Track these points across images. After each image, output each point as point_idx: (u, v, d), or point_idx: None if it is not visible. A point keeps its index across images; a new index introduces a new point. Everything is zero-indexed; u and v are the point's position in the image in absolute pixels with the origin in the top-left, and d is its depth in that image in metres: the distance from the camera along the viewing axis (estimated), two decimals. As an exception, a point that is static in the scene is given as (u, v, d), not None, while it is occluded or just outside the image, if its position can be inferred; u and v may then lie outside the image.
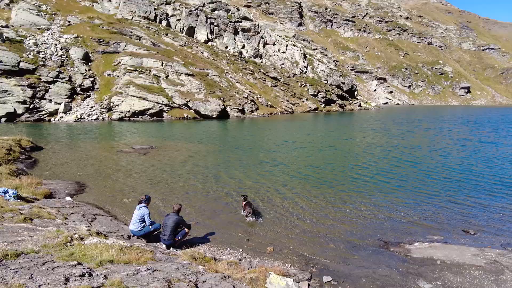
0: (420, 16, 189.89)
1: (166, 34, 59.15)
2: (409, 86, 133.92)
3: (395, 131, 35.13)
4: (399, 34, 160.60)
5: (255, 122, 41.96)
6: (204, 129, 33.79)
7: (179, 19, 66.55)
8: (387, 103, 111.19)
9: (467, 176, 16.05)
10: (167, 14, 65.45)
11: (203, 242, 8.75)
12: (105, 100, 40.13)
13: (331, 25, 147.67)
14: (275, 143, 25.95)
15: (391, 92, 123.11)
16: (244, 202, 10.63)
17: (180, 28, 66.08)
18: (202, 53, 59.66)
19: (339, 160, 20.25)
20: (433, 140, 29.36)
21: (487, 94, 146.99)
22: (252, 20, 79.22)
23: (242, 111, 48.03)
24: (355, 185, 14.40)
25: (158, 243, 8.49)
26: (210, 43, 67.95)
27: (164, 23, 63.58)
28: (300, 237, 9.23)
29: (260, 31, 78.17)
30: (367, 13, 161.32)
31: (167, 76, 45.10)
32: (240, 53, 70.40)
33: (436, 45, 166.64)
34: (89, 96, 40.63)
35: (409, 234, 9.60)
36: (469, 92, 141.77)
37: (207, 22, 68.78)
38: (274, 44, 79.44)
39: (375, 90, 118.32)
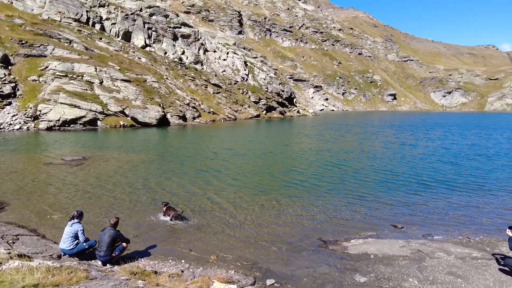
0: (351, 29, 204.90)
1: (100, 38, 55.89)
2: (343, 94, 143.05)
3: (329, 136, 37.16)
4: (333, 45, 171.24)
5: (197, 129, 41.39)
6: (142, 138, 32.42)
7: (114, 23, 63.38)
8: (323, 109, 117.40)
9: (392, 176, 17.53)
10: (101, 17, 61.94)
11: (143, 256, 8.35)
12: (30, 108, 36.40)
13: (270, 35, 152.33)
14: (215, 150, 25.75)
15: (326, 99, 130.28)
16: (165, 207, 10.58)
17: (116, 33, 62.96)
18: (140, 58, 57.43)
19: (278, 165, 20.78)
20: (362, 143, 31.62)
21: (410, 100, 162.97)
22: (191, 27, 78.46)
23: (183, 118, 47.07)
24: (293, 189, 14.87)
25: (93, 261, 7.89)
26: (148, 49, 65.73)
27: (97, 26, 60.03)
28: (243, 243, 9.27)
29: (200, 38, 77.70)
30: (303, 24, 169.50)
31: (101, 82, 42.53)
32: (180, 59, 69.18)
33: (366, 55, 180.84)
34: (10, 103, 36.48)
35: (345, 232, 10.19)
36: (395, 98, 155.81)
37: (144, 27, 66.50)
38: (214, 51, 79.47)
39: (312, 97, 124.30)
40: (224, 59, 79.56)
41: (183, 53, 71.41)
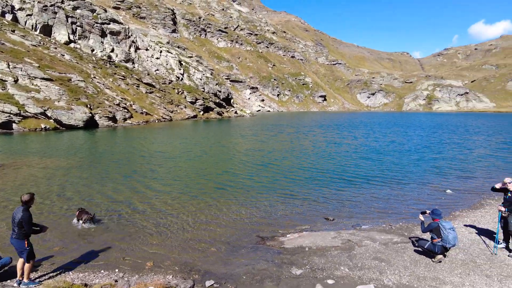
0: (284, 32, 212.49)
1: (13, 31, 49.96)
2: (278, 95, 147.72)
3: (264, 137, 38.11)
4: (267, 47, 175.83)
5: (129, 131, 39.29)
6: (66, 141, 29.80)
7: (30, 14, 57.17)
8: (260, 110, 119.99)
9: (321, 173, 18.58)
10: (12, 7, 55.38)
11: (71, 269, 7.67)
12: None
13: (205, 35, 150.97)
14: (146, 154, 24.71)
15: (263, 100, 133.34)
16: (78, 212, 10.24)
17: (33, 25, 56.87)
18: (63, 55, 52.64)
19: (214, 167, 20.70)
20: (294, 143, 33.01)
21: (338, 101, 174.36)
22: (121, 23, 74.19)
23: (113, 119, 44.34)
24: (229, 190, 14.93)
25: (8, 281, 7.03)
26: (72, 45, 60.57)
27: (8, 17, 53.56)
28: (181, 247, 9.06)
29: (131, 35, 73.89)
30: (238, 25, 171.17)
31: (16, 81, 38.08)
32: (109, 57, 65.00)
33: (298, 58, 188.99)
34: None
35: (282, 228, 10.54)
36: (325, 100, 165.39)
37: (68, 21, 61.11)
38: (147, 50, 76.22)
39: (249, 98, 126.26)
40: (158, 58, 76.75)
41: (112, 50, 67.21)
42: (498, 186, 8.71)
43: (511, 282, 6.98)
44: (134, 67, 68.67)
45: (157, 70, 73.69)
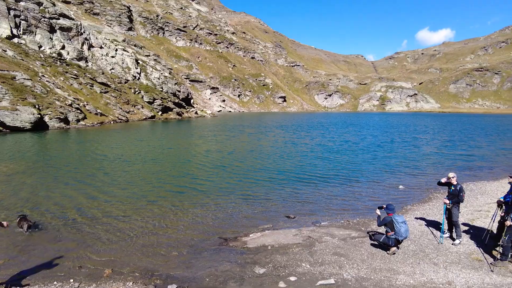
0: (244, 33, 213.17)
1: None
2: (239, 95, 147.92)
3: (223, 137, 38.04)
4: (227, 47, 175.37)
5: (82, 133, 37.25)
6: (11, 144, 27.60)
7: (-35, 6, 52.14)
8: (221, 110, 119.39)
9: (281, 172, 18.87)
10: None
11: (18, 283, 7.12)
12: None
13: (163, 33, 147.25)
14: (100, 157, 23.57)
15: (223, 100, 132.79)
16: (19, 219, 9.87)
17: (-32, 18, 51.90)
18: (5, 51, 48.65)
19: (173, 170, 20.25)
20: (253, 143, 33.32)
21: (297, 102, 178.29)
22: (73, 19, 70.08)
23: (65, 120, 41.80)
24: (190, 193, 14.72)
25: None
26: (16, 40, 56.11)
27: None
28: (141, 252, 8.77)
29: (84, 32, 70.08)
30: (197, 25, 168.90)
31: (-51, 78, 34.55)
32: (60, 54, 61.12)
33: (258, 60, 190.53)
34: None
35: (245, 228, 10.58)
36: (285, 100, 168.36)
37: (9, 14, 56.48)
38: (101, 47, 72.72)
39: (210, 98, 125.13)
40: (113, 56, 73.52)
41: (63, 47, 63.27)
42: (443, 180, 9.41)
43: (455, 267, 7.60)
44: (87, 65, 65.17)
45: (113, 69, 70.59)
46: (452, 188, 9.01)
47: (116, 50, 75.85)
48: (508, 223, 7.62)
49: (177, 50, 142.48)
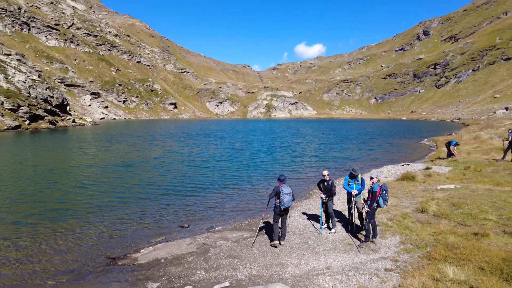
0: (128, 36, 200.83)
1: None
2: (124, 102, 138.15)
3: (104, 148, 35.16)
4: (110, 50, 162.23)
5: None
6: None
7: None
8: (104, 118, 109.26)
9: (170, 182, 18.30)
10: None
11: None
12: None
13: (29, 30, 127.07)
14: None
15: (107, 107, 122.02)
16: None
17: None
18: None
19: (48, 188, 17.76)
20: (139, 154, 31.75)
21: (189, 109, 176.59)
22: None
23: None
24: (70, 211, 13.04)
25: None
26: None
27: None
28: (10, 285, 7.37)
29: None
30: (73, 23, 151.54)
31: None
32: None
33: (145, 64, 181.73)
34: None
35: (135, 244, 9.92)
36: (176, 107, 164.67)
37: None
38: None
39: (90, 105, 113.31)
40: (-43, 53, 59.83)
41: None
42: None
43: (332, 253, 8.69)
44: None
45: (-43, 68, 57.35)
46: (326, 183, 10.28)
47: (-38, 45, 61.99)
48: (365, 209, 9.12)
49: (48, 50, 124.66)
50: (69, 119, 73.20)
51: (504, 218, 9.71)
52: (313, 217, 11.77)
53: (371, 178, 9.10)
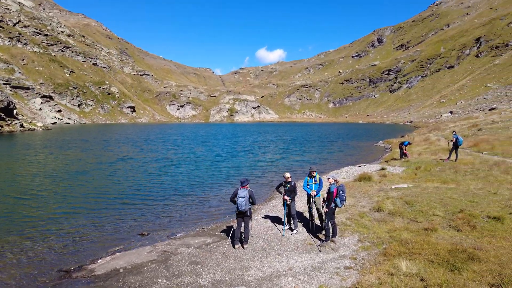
0: (83, 36, 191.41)
1: None
2: (79, 105, 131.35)
3: (51, 156, 33.22)
4: (63, 51, 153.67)
5: None
6: None
7: None
8: (56, 122, 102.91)
9: (127, 189, 17.64)
10: None
11: None
12: None
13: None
14: None
15: (59, 111, 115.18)
16: None
17: None
18: None
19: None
20: (92, 161, 30.36)
21: (148, 112, 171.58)
22: None
23: None
24: (18, 224, 12.10)
25: None
26: None
27: None
28: None
29: None
30: (20, 21, 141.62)
31: None
32: None
33: (101, 66, 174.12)
34: None
35: (91, 254, 9.43)
36: (134, 111, 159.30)
37: None
38: None
39: (41, 108, 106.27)
40: None
41: None
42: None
43: (294, 254, 8.83)
44: None
45: None
46: (288, 185, 10.45)
47: None
48: (325, 209, 9.40)
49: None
50: (16, 123, 68.06)
51: (450, 213, 10.48)
52: (276, 219, 11.91)
53: (328, 179, 9.41)
